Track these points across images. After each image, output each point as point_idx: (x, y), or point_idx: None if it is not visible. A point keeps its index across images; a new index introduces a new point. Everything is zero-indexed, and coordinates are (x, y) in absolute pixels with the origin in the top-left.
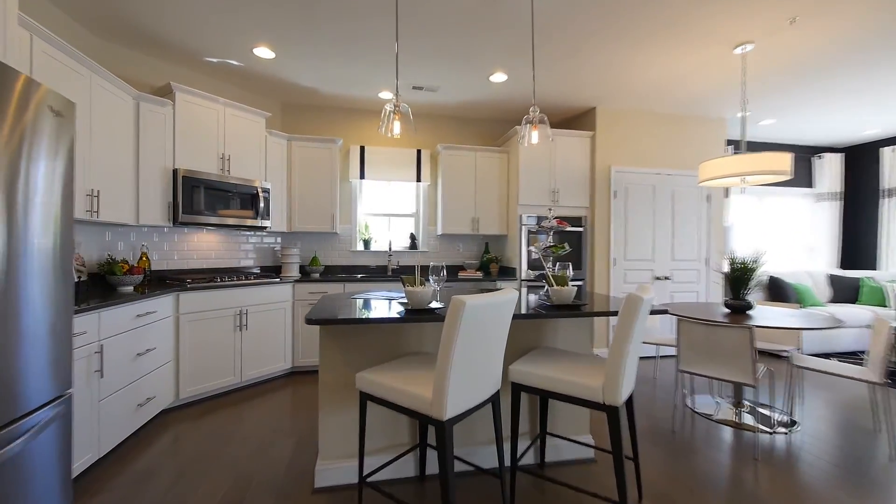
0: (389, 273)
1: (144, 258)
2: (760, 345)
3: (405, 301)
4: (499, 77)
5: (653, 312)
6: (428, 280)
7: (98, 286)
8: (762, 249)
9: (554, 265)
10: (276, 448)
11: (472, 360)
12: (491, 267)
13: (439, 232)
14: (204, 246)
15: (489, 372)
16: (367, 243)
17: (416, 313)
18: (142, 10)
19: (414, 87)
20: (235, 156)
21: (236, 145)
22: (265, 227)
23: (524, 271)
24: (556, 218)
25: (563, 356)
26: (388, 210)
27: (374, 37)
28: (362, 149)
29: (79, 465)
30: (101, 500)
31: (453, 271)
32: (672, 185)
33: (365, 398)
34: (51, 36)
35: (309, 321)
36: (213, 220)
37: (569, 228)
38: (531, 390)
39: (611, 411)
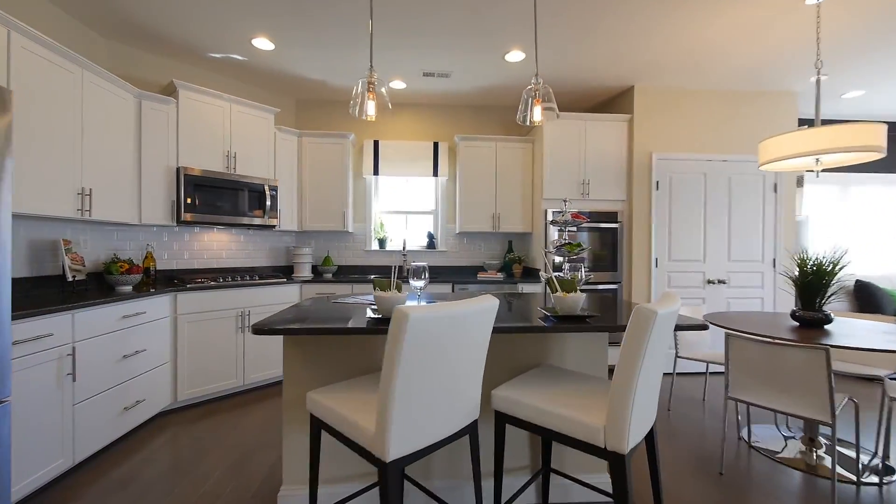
0: (405, 274)
1: (150, 258)
2: (841, 366)
3: (376, 308)
4: (516, 56)
5: (684, 328)
6: (407, 282)
7: (100, 286)
8: (845, 247)
9: (569, 266)
10: (255, 462)
11: (428, 386)
12: (514, 268)
13: (457, 230)
14: (214, 245)
15: (457, 400)
16: (382, 242)
17: (384, 322)
18: (137, 7)
19: (425, 74)
20: (242, 153)
21: (243, 143)
22: (273, 226)
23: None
24: (572, 212)
25: (567, 379)
26: (405, 207)
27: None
28: (376, 143)
29: (46, 471)
30: None
31: (473, 272)
32: (728, 172)
33: (316, 423)
34: (31, 31)
35: (255, 331)
36: (217, 218)
37: (602, 225)
38: (516, 422)
39: (615, 460)
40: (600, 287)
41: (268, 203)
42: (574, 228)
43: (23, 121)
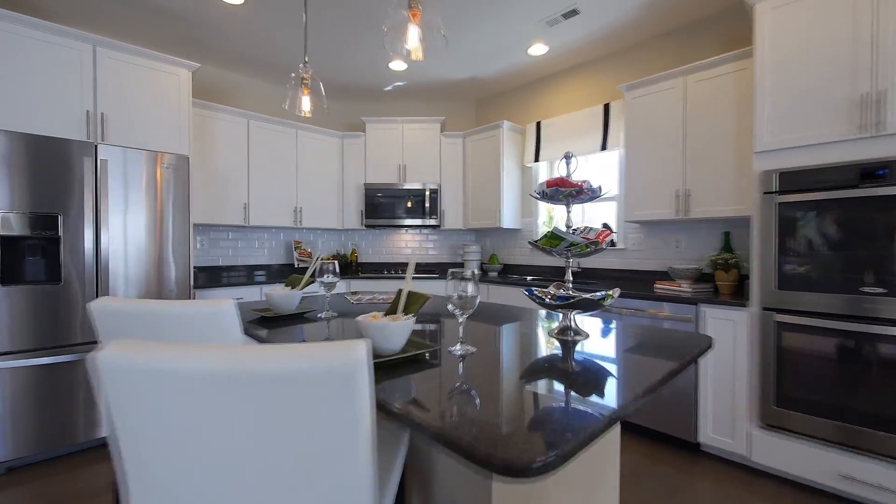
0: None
1: (354, 253)
2: None
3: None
4: None
5: None
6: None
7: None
8: None
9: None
10: None
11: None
12: (718, 276)
13: (624, 218)
14: (399, 243)
15: None
16: None
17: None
18: (334, 73)
19: (549, 23)
20: (411, 163)
21: (412, 153)
22: (434, 226)
23: (768, 286)
24: (551, 179)
25: None
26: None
27: None
28: (538, 125)
29: None
30: None
31: (657, 279)
32: None
33: None
34: (258, 115)
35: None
36: (387, 221)
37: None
38: None
39: None
40: None
41: (427, 205)
42: (567, 202)
43: (256, 168)
